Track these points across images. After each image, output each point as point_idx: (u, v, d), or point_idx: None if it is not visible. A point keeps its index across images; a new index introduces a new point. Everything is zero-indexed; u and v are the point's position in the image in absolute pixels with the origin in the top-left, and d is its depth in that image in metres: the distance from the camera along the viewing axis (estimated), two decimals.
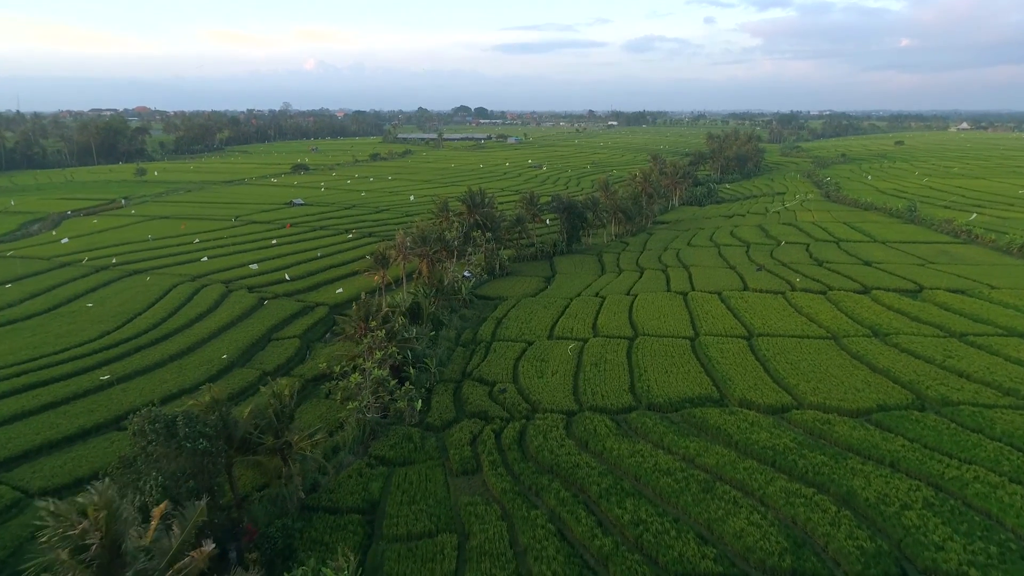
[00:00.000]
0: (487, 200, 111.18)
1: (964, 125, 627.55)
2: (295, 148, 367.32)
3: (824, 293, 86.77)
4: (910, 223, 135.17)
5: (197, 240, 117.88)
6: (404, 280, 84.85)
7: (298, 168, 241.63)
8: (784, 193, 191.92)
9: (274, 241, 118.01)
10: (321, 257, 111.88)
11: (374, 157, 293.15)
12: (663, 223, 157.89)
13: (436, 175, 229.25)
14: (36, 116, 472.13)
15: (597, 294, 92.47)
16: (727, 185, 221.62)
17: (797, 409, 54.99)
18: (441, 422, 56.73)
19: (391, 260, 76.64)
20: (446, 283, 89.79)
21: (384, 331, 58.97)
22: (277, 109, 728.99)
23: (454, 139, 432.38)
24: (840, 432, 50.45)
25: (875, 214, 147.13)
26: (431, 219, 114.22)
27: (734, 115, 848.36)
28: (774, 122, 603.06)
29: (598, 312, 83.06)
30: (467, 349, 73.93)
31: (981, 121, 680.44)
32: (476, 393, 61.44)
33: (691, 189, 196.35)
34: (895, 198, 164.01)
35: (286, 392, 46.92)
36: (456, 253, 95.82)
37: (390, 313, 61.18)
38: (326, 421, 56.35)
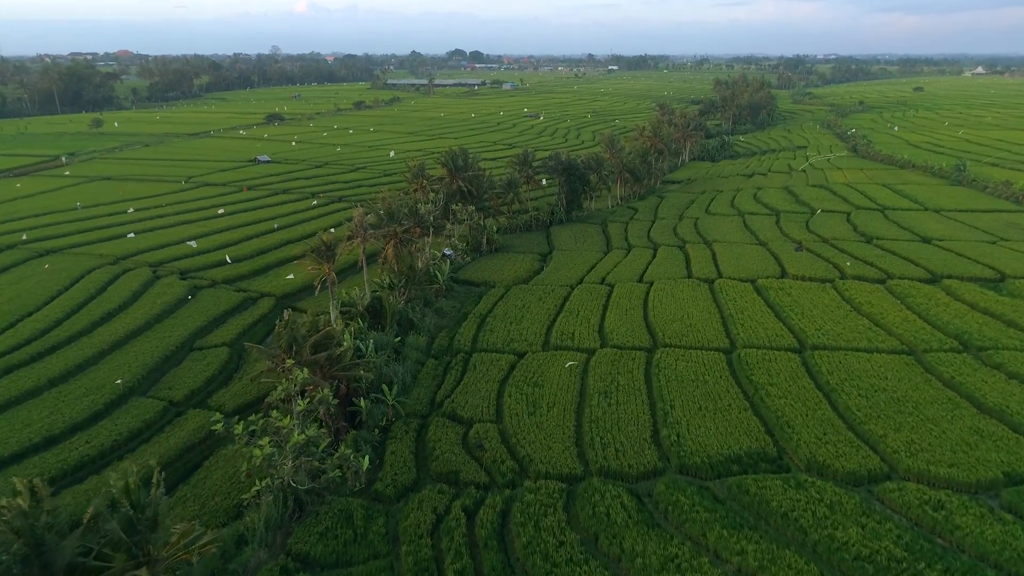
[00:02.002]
0: (471, 162, 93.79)
1: (979, 70, 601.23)
2: (277, 95, 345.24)
3: (883, 282, 70.57)
4: (958, 185, 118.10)
5: (131, 210, 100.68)
6: (364, 266, 68.48)
7: (272, 118, 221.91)
8: (806, 147, 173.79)
9: (221, 211, 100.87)
10: (278, 229, 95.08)
11: (358, 106, 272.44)
12: (674, 183, 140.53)
13: (423, 126, 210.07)
14: (8, 61, 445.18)
15: (603, 280, 76.18)
16: (741, 137, 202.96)
17: (891, 479, 39.36)
18: (395, 488, 41.15)
19: (340, 248, 60.12)
20: (419, 268, 73.46)
21: (317, 364, 42.79)
22: (265, 53, 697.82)
23: (446, 85, 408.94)
24: (964, 526, 34.91)
25: (915, 173, 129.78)
26: (403, 187, 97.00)
27: (737, 59, 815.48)
28: (781, 67, 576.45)
29: (605, 308, 66.98)
30: (440, 362, 58.00)
31: (996, 65, 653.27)
32: (446, 438, 45.75)
33: (702, 142, 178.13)
34: (932, 153, 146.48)
35: (153, 475, 30.99)
36: (432, 229, 79.15)
37: (330, 335, 44.86)
38: (239, 486, 40.80)
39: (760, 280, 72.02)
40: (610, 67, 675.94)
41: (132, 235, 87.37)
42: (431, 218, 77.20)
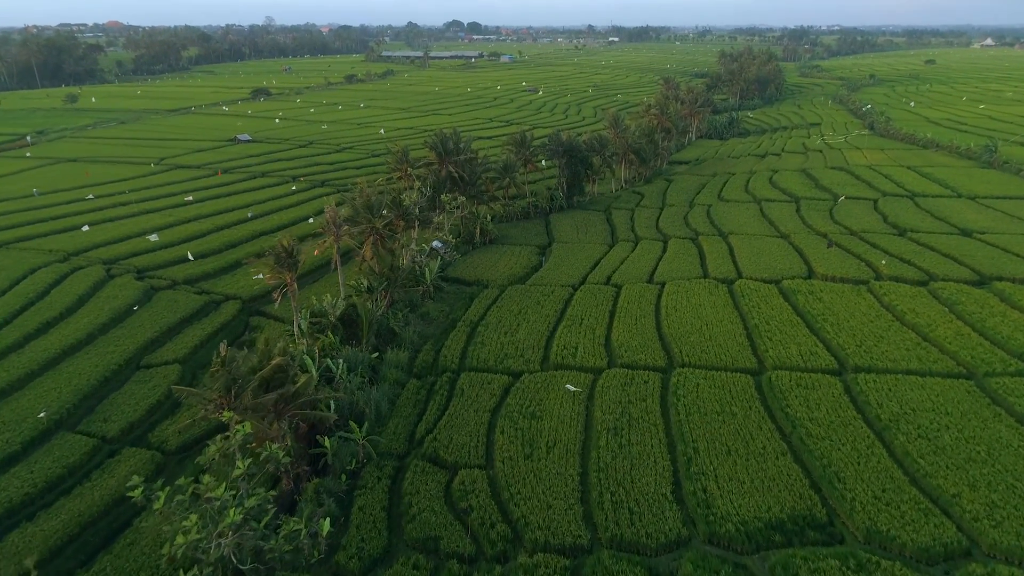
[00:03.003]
0: (464, 145, 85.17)
1: (988, 41, 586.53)
2: (268, 68, 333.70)
3: (925, 284, 62.63)
4: (988, 167, 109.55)
5: (91, 196, 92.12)
6: (339, 267, 60.35)
7: (258, 93, 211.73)
8: (819, 124, 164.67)
9: (189, 197, 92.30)
10: (251, 219, 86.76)
11: (349, 79, 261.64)
12: (681, 163, 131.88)
13: (416, 101, 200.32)
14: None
15: (609, 280, 68.21)
16: (749, 113, 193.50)
17: (973, 558, 31.79)
18: (361, 560, 33.65)
19: (303, 254, 51.80)
20: (403, 267, 65.43)
21: (265, 408, 34.91)
22: (259, 24, 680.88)
23: (442, 58, 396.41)
24: None
25: (940, 154, 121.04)
26: (387, 175, 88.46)
27: (739, 31, 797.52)
28: (785, 38, 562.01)
29: (612, 315, 59.09)
30: (423, 384, 50.23)
31: (1004, 37, 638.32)
32: (426, 490, 38.11)
33: (710, 119, 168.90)
34: (955, 131, 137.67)
35: None
36: (418, 222, 70.89)
37: (283, 367, 36.86)
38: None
39: (785, 281, 64.05)
40: (611, 39, 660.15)
41: (87, 227, 78.96)
42: (416, 210, 68.88)
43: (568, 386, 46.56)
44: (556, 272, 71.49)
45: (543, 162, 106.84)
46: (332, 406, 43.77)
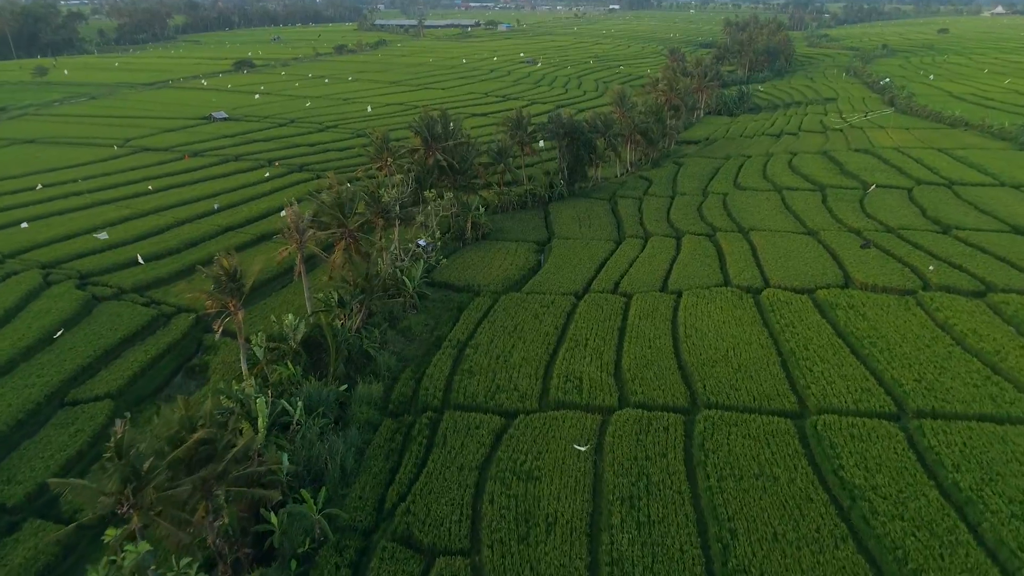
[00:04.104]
0: (454, 128, 76.09)
1: (999, 9, 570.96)
2: (256, 38, 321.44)
3: (983, 296, 54.39)
4: None
5: (40, 186, 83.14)
6: (303, 275, 51.77)
7: (241, 65, 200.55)
8: (835, 99, 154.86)
9: (150, 186, 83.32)
10: (218, 211, 78.08)
11: (339, 50, 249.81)
12: (690, 143, 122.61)
13: (408, 74, 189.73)
14: None
15: (617, 287, 59.88)
16: (759, 87, 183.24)
17: None
18: None
19: (247, 275, 42.98)
20: (381, 274, 57.02)
21: (179, 501, 26.76)
22: None
23: (438, 26, 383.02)
24: None
25: (971, 134, 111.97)
26: (365, 166, 79.45)
27: None
28: (791, 6, 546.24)
29: (622, 334, 50.92)
30: (399, 426, 42.15)
31: (1015, 4, 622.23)
32: None
33: (718, 93, 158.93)
34: (982, 108, 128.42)
35: None
36: (400, 220, 62.20)
37: (207, 440, 28.62)
38: None
39: (820, 292, 55.74)
40: (611, 6, 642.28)
41: (25, 224, 70.18)
42: (397, 207, 60.15)
43: (575, 445, 38.40)
44: (556, 276, 63.07)
45: (541, 142, 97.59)
46: (285, 462, 35.70)
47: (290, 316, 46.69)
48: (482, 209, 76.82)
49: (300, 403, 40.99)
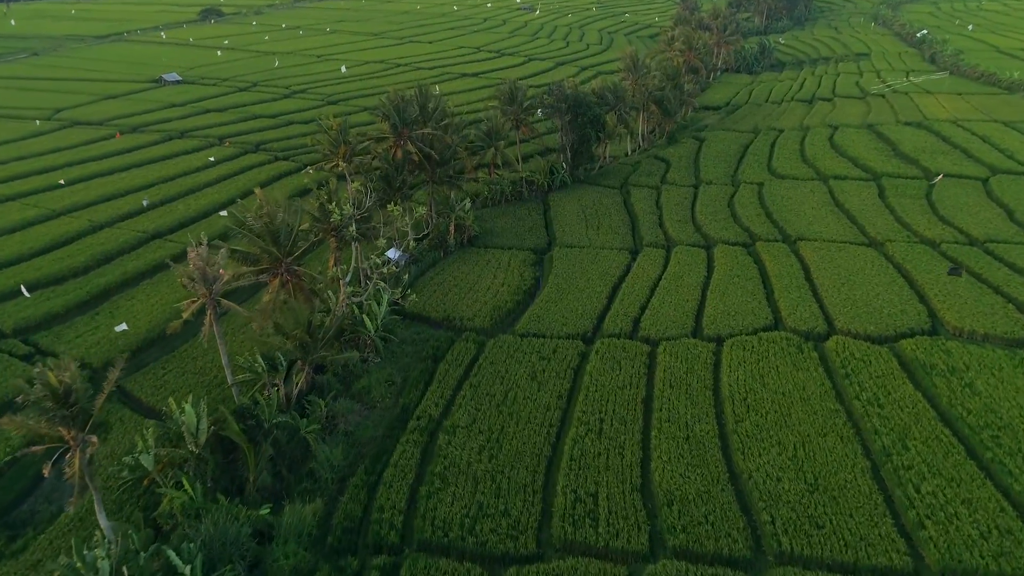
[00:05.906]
0: (434, 109, 61.33)
1: None
2: None
3: None
4: None
5: None
6: (218, 338, 38.02)
7: (209, 14, 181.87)
8: (868, 55, 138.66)
9: (62, 181, 68.71)
10: (147, 209, 64.13)
11: None
12: (710, 109, 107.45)
13: (391, 25, 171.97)
14: None
15: (636, 327, 46.69)
16: (780, 38, 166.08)
17: None
18: None
19: (110, 380, 29.60)
20: (330, 322, 43.54)
21: None
22: None
23: None
24: None
25: None
26: (317, 164, 64.61)
27: None
28: None
29: (647, 414, 37.95)
30: None
31: None
32: None
33: (738, 46, 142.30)
34: None
35: None
36: (359, 238, 48.38)
37: None
38: None
39: (904, 343, 42.53)
40: None
41: None
42: (353, 226, 46.15)
43: None
44: (559, 306, 49.74)
45: (539, 112, 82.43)
46: None
47: (187, 406, 33.32)
48: (469, 206, 62.91)
49: (199, 554, 28.31)
